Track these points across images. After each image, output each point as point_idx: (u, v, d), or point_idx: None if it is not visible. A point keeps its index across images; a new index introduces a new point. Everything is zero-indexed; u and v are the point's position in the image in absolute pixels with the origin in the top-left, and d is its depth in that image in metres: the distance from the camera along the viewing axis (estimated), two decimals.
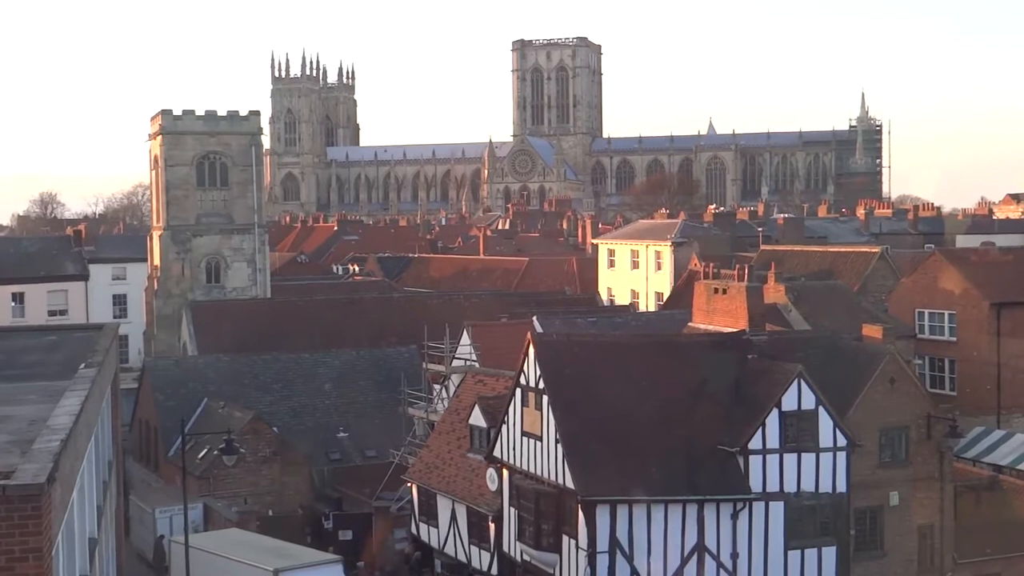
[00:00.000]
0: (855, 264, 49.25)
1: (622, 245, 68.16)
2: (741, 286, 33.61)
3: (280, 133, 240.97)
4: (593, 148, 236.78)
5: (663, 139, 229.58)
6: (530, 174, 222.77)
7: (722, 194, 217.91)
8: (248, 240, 61.49)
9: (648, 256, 65.01)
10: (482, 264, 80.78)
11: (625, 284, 66.44)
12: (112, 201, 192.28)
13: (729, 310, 33.70)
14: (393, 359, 45.42)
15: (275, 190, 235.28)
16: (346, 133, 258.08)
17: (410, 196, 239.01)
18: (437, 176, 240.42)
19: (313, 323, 53.29)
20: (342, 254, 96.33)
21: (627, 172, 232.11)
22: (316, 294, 60.73)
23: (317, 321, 53.61)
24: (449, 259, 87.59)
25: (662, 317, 46.47)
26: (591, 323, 43.86)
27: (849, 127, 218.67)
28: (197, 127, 61.32)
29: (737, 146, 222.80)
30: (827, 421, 26.38)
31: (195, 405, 40.80)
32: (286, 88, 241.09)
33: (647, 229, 71.86)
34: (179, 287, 60.61)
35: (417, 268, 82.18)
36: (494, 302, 55.94)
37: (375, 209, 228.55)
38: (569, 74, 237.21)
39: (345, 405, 43.35)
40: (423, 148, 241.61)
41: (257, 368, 44.06)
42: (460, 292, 62.09)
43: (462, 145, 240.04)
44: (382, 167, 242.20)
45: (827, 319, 37.41)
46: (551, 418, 25.96)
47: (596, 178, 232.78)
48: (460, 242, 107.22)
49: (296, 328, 52.39)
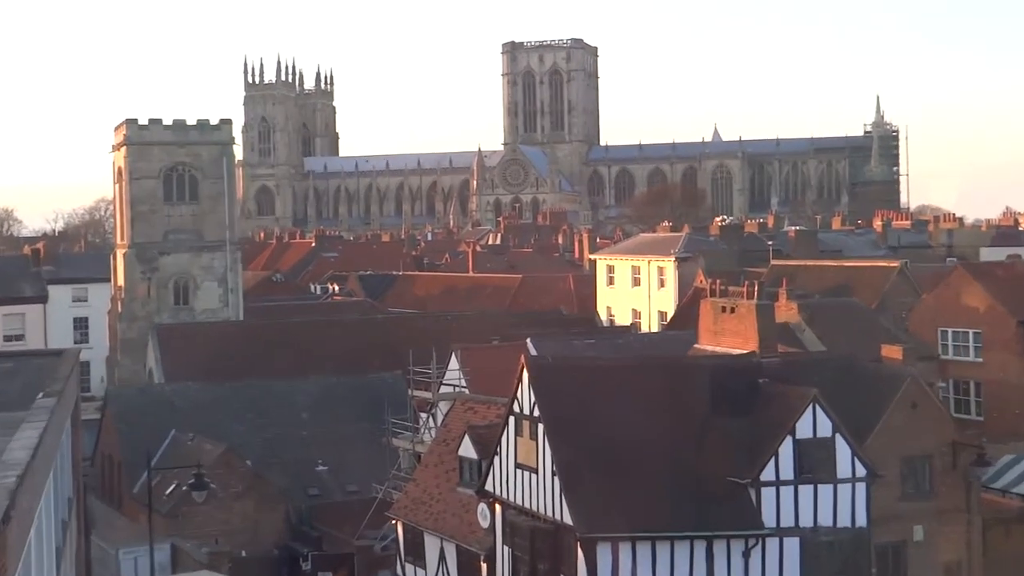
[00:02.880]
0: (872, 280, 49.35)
1: (622, 261, 68.26)
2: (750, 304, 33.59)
3: (254, 143, 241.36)
4: (590, 157, 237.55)
5: (665, 147, 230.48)
6: (522, 185, 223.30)
7: (729, 205, 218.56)
8: (219, 258, 61.49)
9: (650, 273, 65.15)
10: (471, 282, 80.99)
11: (626, 303, 66.52)
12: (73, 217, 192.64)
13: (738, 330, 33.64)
14: (376, 385, 45.34)
15: (248, 204, 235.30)
16: (324, 142, 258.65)
17: (393, 209, 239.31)
18: (422, 188, 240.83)
19: (290, 347, 53.24)
20: (320, 272, 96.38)
21: (627, 182, 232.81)
22: (293, 316, 60.76)
23: (294, 345, 53.55)
24: (436, 277, 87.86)
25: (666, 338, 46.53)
26: (589, 345, 43.88)
27: (864, 133, 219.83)
28: (164, 137, 61.40)
29: (744, 154, 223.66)
30: (845, 450, 26.31)
31: (162, 437, 40.67)
32: (260, 95, 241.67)
33: (649, 243, 72.14)
34: (145, 309, 60.62)
35: (401, 287, 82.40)
36: (485, 323, 55.99)
37: (356, 224, 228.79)
38: (563, 78, 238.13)
39: (324, 436, 43.22)
40: (407, 158, 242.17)
41: (229, 396, 43.95)
42: (448, 313, 62.20)
43: (449, 154, 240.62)
44: (363, 178, 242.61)
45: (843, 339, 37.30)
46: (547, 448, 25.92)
47: (593, 189, 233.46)
48: (448, 259, 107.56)
49: (271, 353, 52.37)
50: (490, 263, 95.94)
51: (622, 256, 69.33)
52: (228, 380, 45.27)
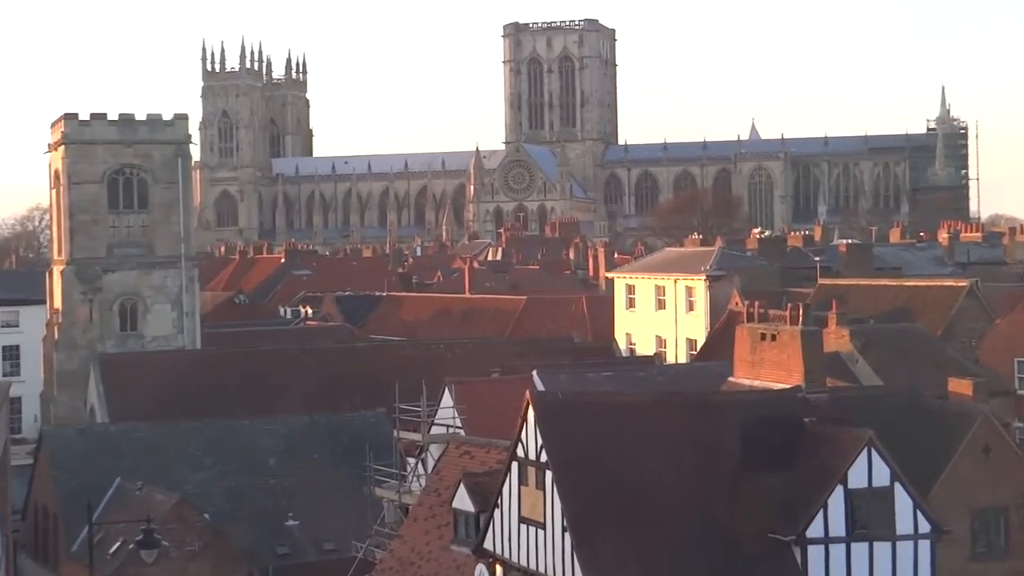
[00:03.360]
0: (937, 302, 49.43)
1: (644, 280, 68.53)
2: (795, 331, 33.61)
3: (213, 141, 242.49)
4: (606, 157, 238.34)
5: (694, 146, 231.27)
6: (527, 191, 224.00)
7: (769, 214, 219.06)
8: (173, 276, 61.67)
9: (677, 294, 65.34)
10: (468, 305, 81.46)
11: (648, 329, 66.68)
12: (2, 228, 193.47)
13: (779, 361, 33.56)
14: (356, 425, 45.47)
15: (207, 213, 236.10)
16: (296, 141, 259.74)
17: (376, 219, 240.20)
18: (410, 194, 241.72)
19: (255, 380, 53.40)
20: (291, 293, 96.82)
21: (649, 187, 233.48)
22: (259, 343, 61.01)
23: (260, 378, 53.72)
24: (426, 298, 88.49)
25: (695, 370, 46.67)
26: (606, 379, 43.98)
27: (927, 130, 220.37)
28: (109, 135, 61.77)
29: (787, 154, 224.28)
30: (905, 501, 26.23)
31: (105, 485, 40.65)
32: (220, 85, 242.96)
33: (675, 259, 72.46)
34: (86, 336, 60.83)
35: (386, 310, 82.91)
36: (483, 353, 56.22)
37: (333, 236, 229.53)
38: (575, 65, 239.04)
39: (295, 485, 43.24)
40: (393, 159, 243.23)
41: (184, 438, 44.08)
42: (440, 340, 62.48)
43: (441, 155, 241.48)
44: (341, 183, 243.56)
45: (903, 371, 37.32)
46: (556, 499, 25.90)
47: (610, 195, 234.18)
48: (440, 277, 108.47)
49: (233, 387, 52.58)
50: (490, 282, 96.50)
51: (644, 274, 69.57)
52: (183, 419, 45.41)
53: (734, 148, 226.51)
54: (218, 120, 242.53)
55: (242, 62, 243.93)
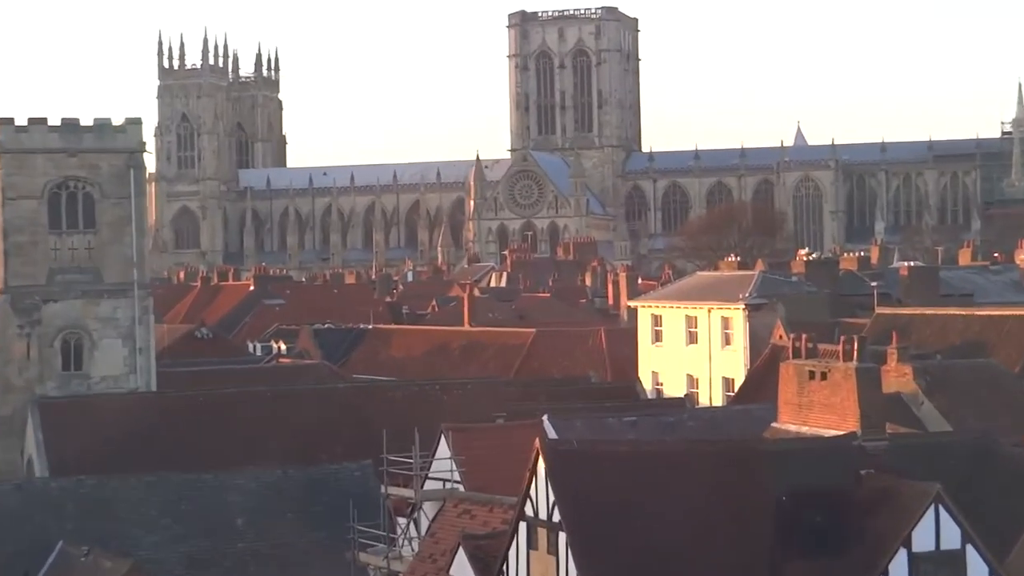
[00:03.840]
0: (1014, 334, 49.08)
1: (673, 309, 68.46)
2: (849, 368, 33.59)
3: (171, 150, 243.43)
4: (628, 167, 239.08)
5: (730, 153, 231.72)
6: (536, 206, 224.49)
7: (818, 232, 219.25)
8: (124, 307, 61.73)
9: (711, 325, 65.14)
10: (468, 339, 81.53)
11: (678, 366, 66.52)
12: None
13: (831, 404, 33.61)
14: (337, 480, 45.40)
15: (164, 233, 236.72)
16: (267, 149, 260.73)
17: (361, 239, 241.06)
18: (400, 210, 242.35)
19: (220, 428, 53.36)
20: (262, 326, 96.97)
21: (678, 201, 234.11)
22: (224, 385, 60.90)
23: (225, 425, 53.70)
24: (419, 332, 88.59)
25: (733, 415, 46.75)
26: (629, 425, 44.00)
27: (1001, 134, 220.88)
28: (50, 143, 61.86)
29: (839, 162, 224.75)
30: (979, 567, 26.18)
31: (46, 549, 40.43)
32: (179, 84, 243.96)
33: (709, 285, 72.30)
34: (23, 377, 60.65)
35: (372, 345, 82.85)
36: (486, 394, 56.08)
37: (310, 259, 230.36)
38: (591, 60, 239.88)
39: (267, 549, 42.91)
40: (380, 170, 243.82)
41: (137, 495, 43.93)
42: (436, 380, 62.37)
43: (436, 165, 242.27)
44: (320, 198, 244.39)
45: (976, 415, 37.21)
46: (571, 565, 25.84)
47: (633, 211, 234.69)
48: (435, 307, 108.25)
49: (194, 435, 52.51)
50: (493, 312, 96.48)
51: (672, 303, 69.44)
52: (136, 472, 45.24)
53: (777, 156, 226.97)
54: (176, 125, 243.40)
55: (204, 57, 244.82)
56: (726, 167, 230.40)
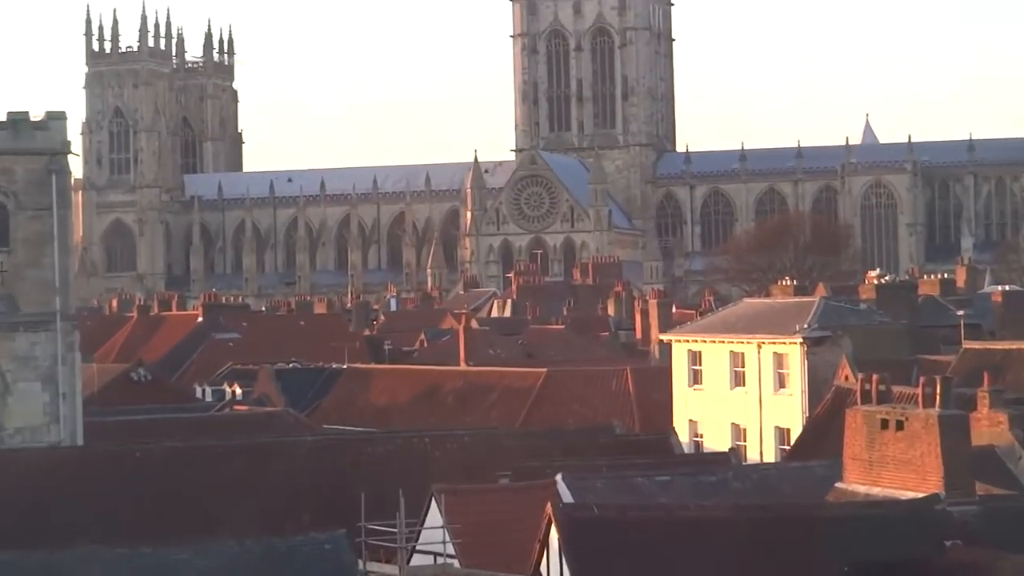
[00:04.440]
0: None
1: (715, 344, 67.99)
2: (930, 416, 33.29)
3: (102, 151, 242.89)
4: (660, 171, 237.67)
5: (784, 153, 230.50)
6: (548, 218, 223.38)
7: (892, 250, 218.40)
8: (45, 343, 61.41)
9: (762, 364, 64.69)
10: (464, 380, 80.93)
11: (721, 414, 66.08)
12: None
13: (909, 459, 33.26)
14: (305, 554, 44.02)
15: (93, 252, 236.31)
16: (219, 149, 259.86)
17: (334, 260, 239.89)
18: (381, 223, 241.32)
19: (161, 491, 52.57)
20: (213, 365, 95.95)
21: (721, 213, 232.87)
22: (165, 438, 60.13)
23: (168, 487, 52.94)
24: (405, 372, 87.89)
25: (788, 473, 46.14)
26: (661, 486, 43.10)
27: None
28: None
29: (917, 164, 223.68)
30: None
31: None
32: (112, 71, 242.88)
33: (759, 315, 71.65)
34: None
35: (348, 389, 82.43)
36: (486, 449, 54.97)
37: (271, 284, 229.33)
38: (614, 40, 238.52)
39: None
40: (357, 174, 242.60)
41: (61, 573, 43.51)
42: (425, 432, 61.19)
43: (425, 168, 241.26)
44: (283, 208, 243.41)
45: None
46: None
47: (666, 224, 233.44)
48: (424, 341, 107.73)
49: (131, 499, 51.60)
50: (495, 348, 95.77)
51: (715, 336, 68.79)
52: (59, 546, 44.32)
53: (841, 156, 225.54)
54: (108, 121, 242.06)
55: (142, 38, 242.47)
56: (779, 170, 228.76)
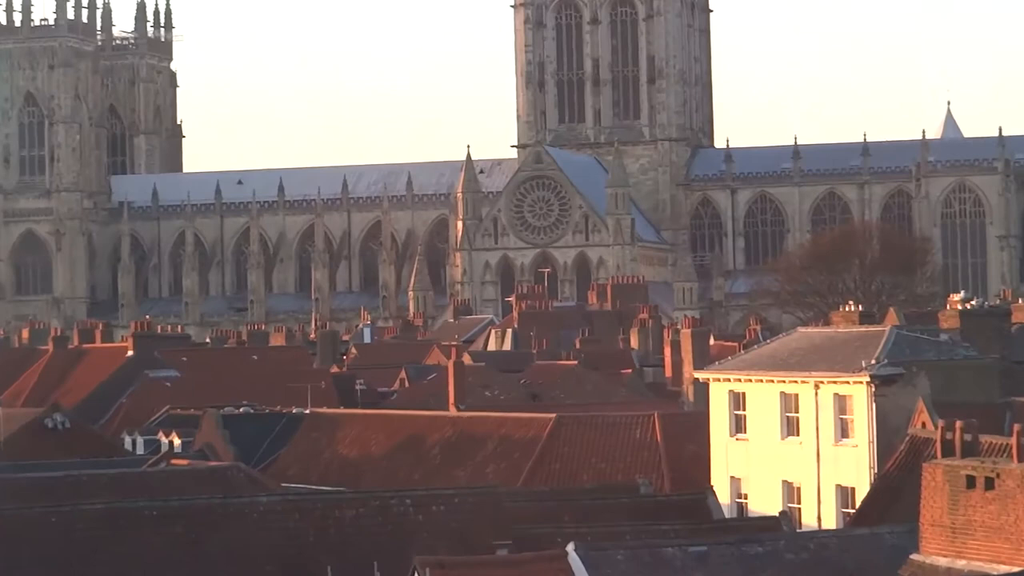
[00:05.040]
0: None
1: (762, 384, 67.50)
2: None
3: (10, 147, 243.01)
4: (695, 171, 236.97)
5: (847, 149, 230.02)
6: (557, 229, 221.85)
7: (979, 267, 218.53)
8: None
9: (820, 408, 64.03)
10: (454, 429, 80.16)
11: (770, 469, 65.77)
12: None
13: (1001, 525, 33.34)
14: None
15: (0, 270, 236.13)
16: (154, 146, 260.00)
17: (295, 280, 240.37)
18: (352, 235, 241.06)
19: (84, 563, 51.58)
20: (145, 410, 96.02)
21: (770, 223, 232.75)
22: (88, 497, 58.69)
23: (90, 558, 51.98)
24: (382, 418, 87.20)
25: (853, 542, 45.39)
26: (697, 558, 42.86)
27: None
28: None
29: (1011, 163, 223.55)
30: None
31: None
32: (24, 49, 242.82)
33: (817, 349, 70.96)
34: None
35: (311, 439, 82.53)
36: (480, 512, 53.62)
37: (218, 309, 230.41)
38: (638, 12, 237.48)
39: None
40: (322, 175, 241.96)
41: None
42: (406, 491, 59.27)
43: (407, 168, 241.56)
44: (232, 217, 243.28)
45: None
46: None
47: (703, 236, 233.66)
48: (404, 380, 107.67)
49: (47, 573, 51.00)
50: (492, 389, 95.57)
51: (762, 374, 68.07)
52: None
53: (916, 153, 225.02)
54: (19, 110, 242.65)
55: (61, 8, 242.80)
56: (841, 170, 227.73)
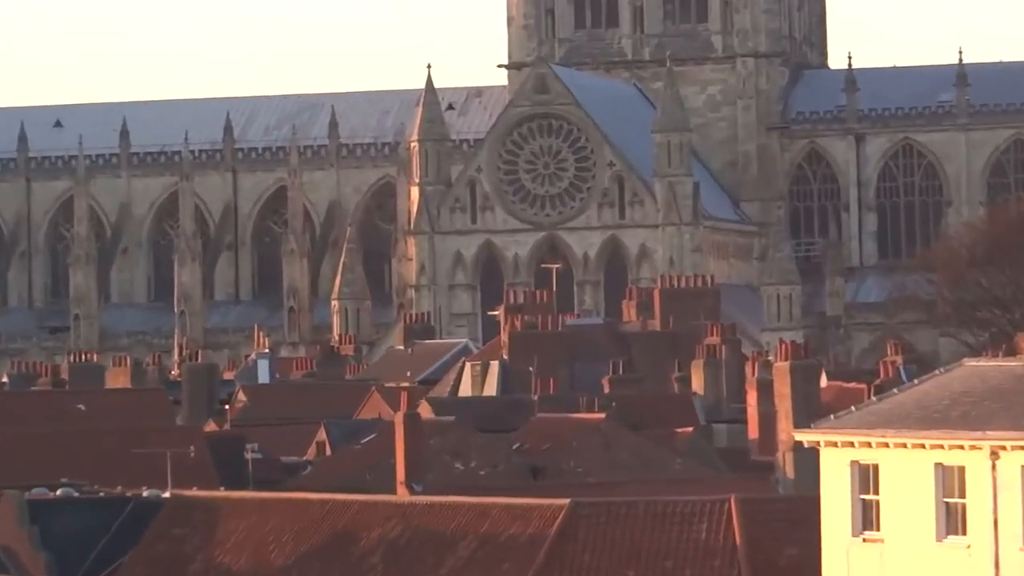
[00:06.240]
0: None
1: (904, 451, 52.46)
2: None
3: None
4: (795, 107, 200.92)
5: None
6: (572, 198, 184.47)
7: None
8: None
9: (1001, 489, 50.31)
10: (403, 522, 67.52)
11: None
12: None
13: None
14: None
15: None
16: None
17: (148, 283, 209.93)
18: (240, 208, 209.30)
19: None
20: None
21: (918, 190, 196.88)
22: None
23: None
24: (287, 505, 75.25)
25: None
26: None
27: None
28: None
29: None
30: None
31: None
32: None
33: (994, 393, 55.84)
34: None
35: (173, 539, 71.13)
36: None
37: (21, 328, 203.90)
38: None
39: None
40: (188, 112, 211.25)
41: None
42: None
43: (330, 99, 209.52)
44: (43, 180, 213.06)
45: None
46: None
47: (809, 212, 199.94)
48: (325, 444, 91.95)
49: None
50: (467, 458, 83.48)
51: (904, 435, 51.91)
52: None
53: None
54: None
55: None
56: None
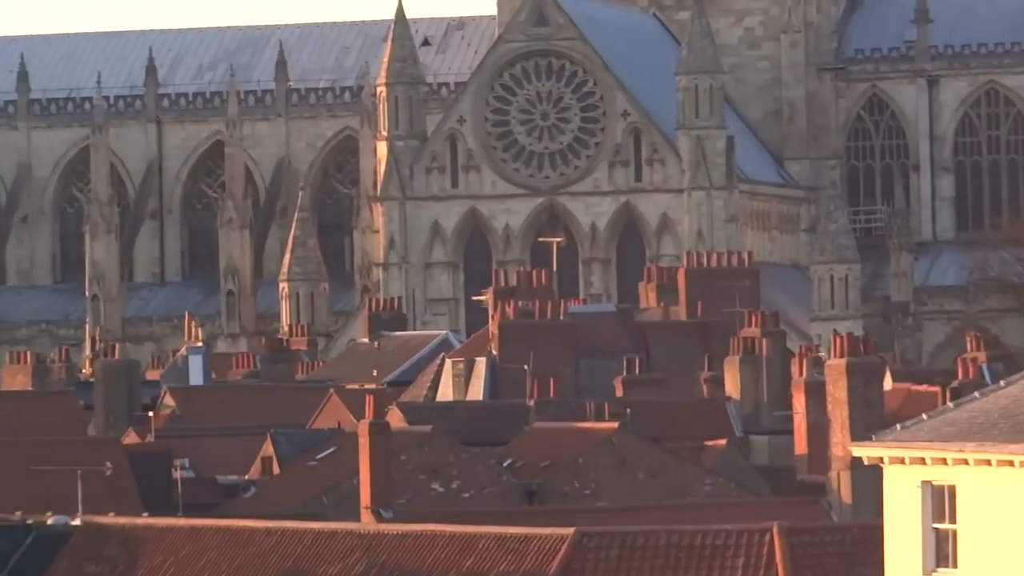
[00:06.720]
0: None
1: (987, 470, 45.28)
2: None
3: None
4: (852, 44, 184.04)
5: None
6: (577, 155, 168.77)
7: None
8: None
9: None
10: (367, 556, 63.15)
11: None
12: None
13: None
14: None
15: None
16: None
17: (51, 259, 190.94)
18: (165, 168, 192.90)
19: None
20: None
21: (1004, 146, 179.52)
22: None
23: None
24: (225, 535, 69.58)
25: None
26: None
27: None
28: None
29: None
30: None
31: None
32: None
33: None
34: None
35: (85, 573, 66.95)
36: None
37: None
38: None
39: None
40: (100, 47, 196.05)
41: None
42: None
43: (272, 32, 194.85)
44: None
45: None
46: None
47: (870, 173, 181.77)
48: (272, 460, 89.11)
49: None
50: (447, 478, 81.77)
51: (987, 451, 44.36)
52: None
53: None
54: None
55: None
56: None
